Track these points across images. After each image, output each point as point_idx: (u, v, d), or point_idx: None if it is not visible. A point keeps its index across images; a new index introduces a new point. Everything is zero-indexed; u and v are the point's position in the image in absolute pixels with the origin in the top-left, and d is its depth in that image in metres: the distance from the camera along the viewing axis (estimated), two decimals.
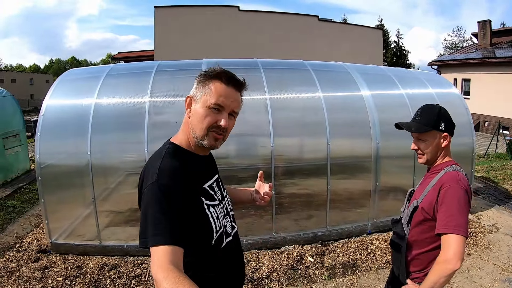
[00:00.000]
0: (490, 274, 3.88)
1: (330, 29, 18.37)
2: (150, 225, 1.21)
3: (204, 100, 1.37)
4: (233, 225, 1.59)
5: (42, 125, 4.32)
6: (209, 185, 1.48)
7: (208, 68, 1.43)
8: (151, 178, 1.28)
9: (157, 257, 1.16)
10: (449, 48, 41.63)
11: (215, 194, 1.49)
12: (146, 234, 1.21)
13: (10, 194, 6.57)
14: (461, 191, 1.69)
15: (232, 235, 1.56)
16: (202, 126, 1.37)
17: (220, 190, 1.56)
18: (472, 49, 21.41)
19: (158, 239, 1.19)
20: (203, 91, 1.38)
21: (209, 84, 1.39)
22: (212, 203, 1.44)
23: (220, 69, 1.41)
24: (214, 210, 1.43)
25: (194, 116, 1.39)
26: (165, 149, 1.41)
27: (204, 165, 1.51)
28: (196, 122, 1.38)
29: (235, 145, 4.54)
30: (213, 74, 1.39)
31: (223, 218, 1.49)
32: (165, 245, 1.18)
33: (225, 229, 1.50)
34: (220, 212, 1.47)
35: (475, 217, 5.35)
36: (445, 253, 1.59)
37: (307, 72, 5.21)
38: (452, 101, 5.58)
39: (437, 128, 1.81)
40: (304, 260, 4.15)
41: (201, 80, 1.41)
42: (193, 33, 16.13)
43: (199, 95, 1.39)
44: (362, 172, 4.86)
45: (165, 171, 1.30)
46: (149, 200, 1.25)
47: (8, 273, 3.91)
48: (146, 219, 1.23)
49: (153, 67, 5.00)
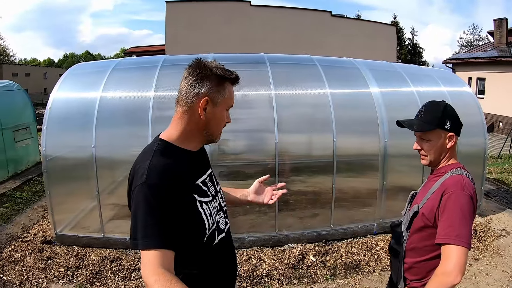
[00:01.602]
0: (498, 281, 3.74)
1: (343, 25, 18.11)
2: (140, 227, 1.20)
3: (225, 102, 1.40)
4: (226, 221, 1.56)
5: (48, 118, 4.35)
6: (202, 181, 1.44)
7: (209, 62, 1.39)
8: (140, 178, 1.26)
9: (147, 261, 1.15)
10: (465, 46, 40.84)
11: (208, 190, 1.46)
12: (136, 237, 1.20)
13: (20, 185, 6.67)
14: (465, 197, 1.55)
15: (226, 231, 1.53)
16: (220, 127, 1.42)
17: (213, 185, 1.52)
18: (488, 47, 20.87)
19: (148, 242, 1.17)
20: (222, 94, 1.38)
21: (225, 86, 1.39)
22: (205, 199, 1.40)
23: (230, 71, 1.41)
24: (207, 206, 1.39)
25: (213, 119, 1.39)
26: (154, 146, 1.37)
27: (197, 161, 1.47)
28: (215, 124, 1.41)
29: (240, 141, 4.51)
30: (228, 76, 1.39)
31: (216, 214, 1.46)
32: (155, 248, 1.16)
33: (217, 226, 1.47)
34: (213, 209, 1.44)
35: (485, 220, 5.19)
36: (445, 265, 1.48)
37: (314, 68, 5.13)
38: (465, 100, 5.42)
39: (442, 127, 1.67)
40: (306, 259, 4.10)
41: (217, 82, 1.37)
42: (205, 28, 16.10)
43: (219, 98, 1.38)
44: (369, 171, 4.77)
45: (155, 170, 1.27)
46: (139, 201, 1.23)
47: (12, 262, 3.97)
48: (136, 221, 1.22)
49: (159, 61, 4.99)
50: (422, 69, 6.87)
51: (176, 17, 16.47)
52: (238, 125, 4.32)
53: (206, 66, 1.37)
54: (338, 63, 5.62)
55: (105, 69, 4.85)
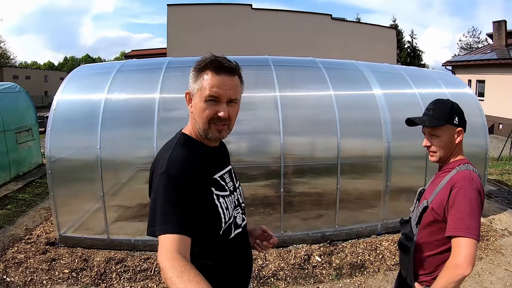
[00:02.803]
0: (501, 280, 3.77)
1: (343, 28, 18.21)
2: (158, 214, 1.23)
3: (199, 94, 1.37)
4: (243, 217, 1.58)
5: (53, 120, 4.36)
6: (220, 176, 1.48)
7: (200, 59, 1.39)
8: (161, 168, 1.30)
9: (164, 246, 1.17)
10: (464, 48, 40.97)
11: (226, 184, 1.49)
12: (155, 223, 1.22)
13: (22, 187, 6.68)
14: (474, 191, 1.59)
15: (242, 226, 1.55)
16: (203, 120, 1.37)
17: (232, 181, 1.55)
18: (487, 50, 20.97)
19: (166, 228, 1.20)
20: (197, 85, 1.37)
21: (202, 76, 1.37)
22: (222, 193, 1.43)
23: (209, 58, 1.37)
24: (223, 200, 1.42)
25: (195, 111, 1.39)
26: (176, 140, 1.43)
27: (215, 156, 1.50)
28: (198, 116, 1.39)
29: (244, 143, 4.52)
30: (203, 65, 1.37)
31: (233, 209, 1.48)
32: (173, 234, 1.19)
33: (235, 220, 1.49)
34: (230, 203, 1.46)
35: (487, 221, 5.22)
36: (455, 257, 1.52)
37: (318, 70, 5.15)
38: (466, 101, 5.44)
39: (451, 122, 1.72)
40: (312, 259, 4.10)
41: (194, 74, 1.39)
42: (206, 31, 16.16)
43: (195, 90, 1.39)
44: (373, 172, 4.78)
45: (175, 161, 1.31)
46: (159, 189, 1.27)
47: (16, 264, 3.96)
48: (155, 208, 1.25)
49: (163, 63, 5.00)
50: (423, 71, 6.92)
51: (177, 20, 16.54)
52: (243, 126, 4.34)
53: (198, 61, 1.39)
54: (341, 65, 5.65)
55: (110, 71, 4.86)
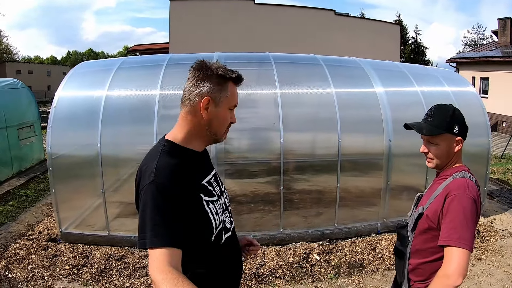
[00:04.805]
0: (500, 281, 3.75)
1: (347, 24, 18.05)
2: (148, 226, 1.21)
3: (227, 101, 1.40)
4: (231, 220, 1.58)
5: (54, 117, 4.37)
6: (207, 181, 1.46)
7: (211, 63, 1.40)
8: (148, 178, 1.27)
9: (155, 259, 1.16)
10: (469, 45, 40.63)
11: (214, 189, 1.48)
12: (145, 236, 1.21)
13: (24, 183, 6.71)
14: (469, 200, 1.56)
15: (231, 230, 1.55)
16: (224, 127, 1.43)
17: (218, 185, 1.54)
18: (492, 47, 20.78)
19: (156, 241, 1.18)
20: (223, 94, 1.39)
21: (227, 86, 1.40)
22: (211, 199, 1.42)
23: (225, 68, 1.41)
24: (213, 206, 1.41)
25: (216, 119, 1.40)
26: (161, 147, 1.39)
27: (201, 161, 1.49)
28: (218, 124, 1.42)
29: (245, 140, 4.52)
30: (230, 76, 1.40)
31: (222, 213, 1.48)
32: (164, 247, 1.17)
33: (224, 225, 1.48)
34: (219, 208, 1.46)
35: (488, 221, 5.19)
36: (446, 267, 1.49)
37: (319, 67, 5.13)
38: (469, 100, 5.41)
39: (451, 131, 1.67)
40: (310, 258, 4.11)
41: (218, 82, 1.39)
42: (209, 26, 16.08)
43: (220, 98, 1.39)
44: (373, 170, 4.77)
45: (162, 170, 1.28)
46: (147, 200, 1.24)
47: (18, 260, 3.99)
48: (144, 220, 1.23)
49: (164, 60, 5.00)
50: (426, 69, 6.85)
51: (179, 15, 16.45)
52: (244, 124, 4.34)
53: (207, 66, 1.39)
54: (343, 63, 5.62)
55: (111, 68, 4.86)
